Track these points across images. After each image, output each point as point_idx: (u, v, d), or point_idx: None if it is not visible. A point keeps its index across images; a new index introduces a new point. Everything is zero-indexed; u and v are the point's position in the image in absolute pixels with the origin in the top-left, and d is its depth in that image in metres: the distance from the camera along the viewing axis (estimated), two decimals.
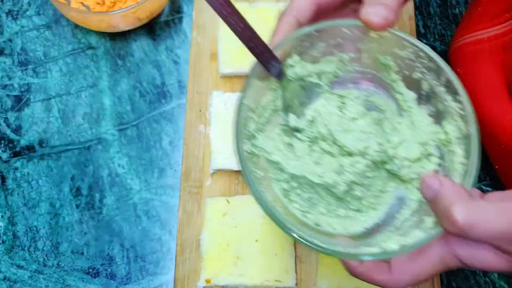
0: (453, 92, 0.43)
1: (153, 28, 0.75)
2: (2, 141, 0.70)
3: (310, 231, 0.44)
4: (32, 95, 0.72)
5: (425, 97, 0.46)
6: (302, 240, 0.40)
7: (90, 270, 0.64)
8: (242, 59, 0.70)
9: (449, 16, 0.77)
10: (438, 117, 0.45)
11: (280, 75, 0.46)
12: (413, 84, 0.47)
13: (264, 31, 0.70)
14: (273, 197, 0.45)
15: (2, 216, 0.66)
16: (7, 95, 0.72)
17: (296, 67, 0.47)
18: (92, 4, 0.70)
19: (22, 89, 0.72)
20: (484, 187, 0.68)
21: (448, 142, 0.45)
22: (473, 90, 0.53)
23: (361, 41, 0.47)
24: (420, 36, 0.75)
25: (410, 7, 0.73)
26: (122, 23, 0.69)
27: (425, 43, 0.74)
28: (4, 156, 0.69)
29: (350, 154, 0.47)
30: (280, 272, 0.61)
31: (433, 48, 0.74)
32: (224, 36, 0.71)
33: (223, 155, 0.66)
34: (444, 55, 0.74)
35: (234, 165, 0.65)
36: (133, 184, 0.68)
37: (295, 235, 0.40)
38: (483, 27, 0.62)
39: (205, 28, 0.73)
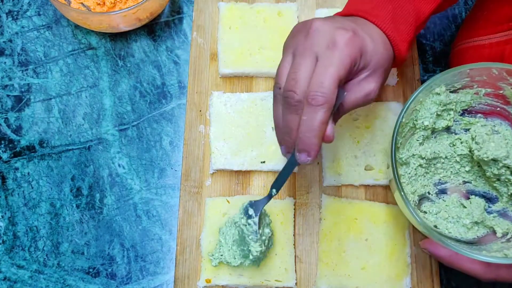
0: None
1: (153, 28, 0.75)
2: (3, 142, 0.70)
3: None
4: (32, 96, 0.72)
5: None
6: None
7: (91, 270, 0.64)
8: (242, 60, 0.70)
9: (449, 16, 0.77)
10: None
11: None
12: None
13: (264, 31, 0.71)
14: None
15: (2, 216, 0.66)
16: (8, 96, 0.72)
17: (441, 95, 0.55)
18: (92, 5, 0.71)
19: (23, 90, 0.72)
20: None
21: None
22: None
23: (503, 80, 0.54)
24: (420, 36, 0.75)
25: None
26: (122, 24, 0.69)
27: (425, 43, 0.75)
28: (5, 156, 0.69)
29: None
30: (280, 272, 0.61)
31: (433, 48, 0.74)
32: (224, 36, 0.71)
33: (223, 155, 0.66)
34: (443, 55, 0.74)
35: (234, 165, 0.65)
36: (133, 184, 0.68)
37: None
38: (486, 32, 0.62)
39: (205, 29, 0.73)
